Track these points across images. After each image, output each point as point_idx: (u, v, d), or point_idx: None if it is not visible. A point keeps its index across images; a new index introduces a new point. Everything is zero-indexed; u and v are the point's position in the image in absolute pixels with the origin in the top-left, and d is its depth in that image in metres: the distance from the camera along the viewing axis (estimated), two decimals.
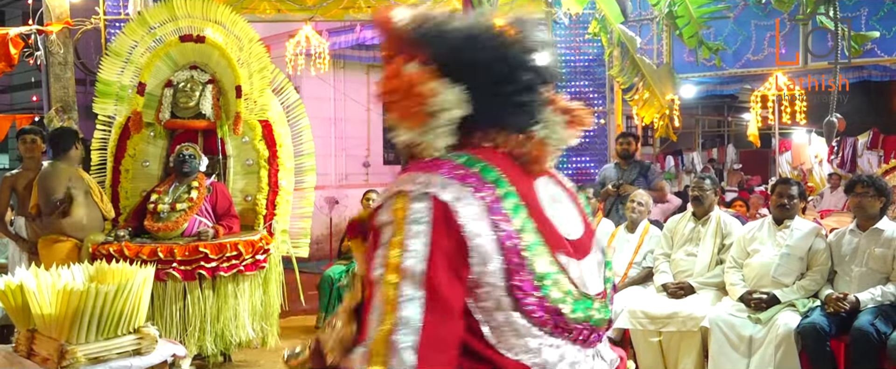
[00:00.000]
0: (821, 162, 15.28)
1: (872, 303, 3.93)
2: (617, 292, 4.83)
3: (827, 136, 6.12)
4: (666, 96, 7.34)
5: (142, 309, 3.27)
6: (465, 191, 1.17)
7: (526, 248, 1.17)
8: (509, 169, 1.25)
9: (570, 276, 1.22)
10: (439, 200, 1.15)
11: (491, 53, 1.24)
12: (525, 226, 1.19)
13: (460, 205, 1.15)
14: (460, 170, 1.20)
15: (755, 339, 4.07)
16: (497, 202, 1.18)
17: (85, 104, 6.39)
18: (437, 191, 1.15)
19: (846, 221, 4.77)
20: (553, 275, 1.19)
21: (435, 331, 1.10)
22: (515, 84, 1.26)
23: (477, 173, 1.20)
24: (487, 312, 1.17)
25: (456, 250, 1.13)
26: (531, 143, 1.28)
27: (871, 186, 4.16)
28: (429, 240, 1.12)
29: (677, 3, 6.05)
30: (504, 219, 1.17)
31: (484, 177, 1.20)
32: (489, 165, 1.22)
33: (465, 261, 1.14)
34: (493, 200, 1.18)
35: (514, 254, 1.16)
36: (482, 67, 1.23)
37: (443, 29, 1.24)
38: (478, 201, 1.17)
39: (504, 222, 1.17)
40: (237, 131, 5.23)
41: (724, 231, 4.72)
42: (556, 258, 1.21)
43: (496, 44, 1.25)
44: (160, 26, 5.55)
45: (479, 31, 1.26)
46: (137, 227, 4.92)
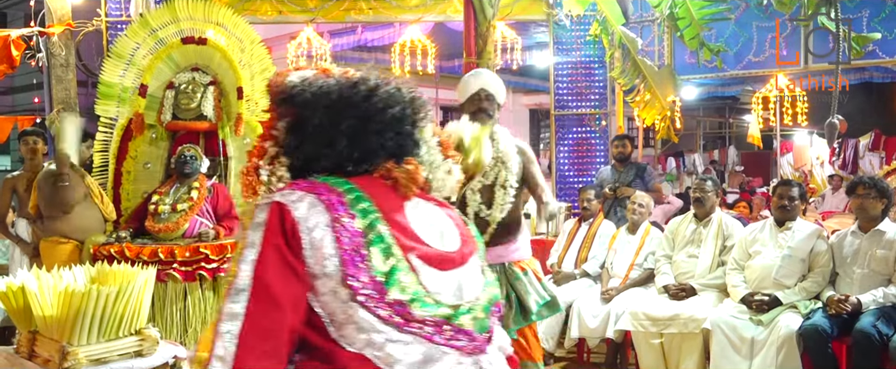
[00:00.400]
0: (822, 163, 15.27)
1: (874, 305, 3.92)
2: (618, 294, 4.83)
3: (828, 138, 6.12)
4: (667, 98, 7.34)
5: (143, 310, 3.27)
6: (307, 195, 1.28)
7: (367, 245, 1.25)
8: (375, 187, 1.36)
9: (420, 279, 1.29)
10: (278, 202, 1.27)
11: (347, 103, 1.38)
12: (372, 226, 1.28)
13: (298, 205, 1.26)
14: (317, 184, 1.32)
15: (757, 341, 4.07)
16: (341, 204, 1.28)
17: (87, 106, 6.39)
18: (279, 197, 1.28)
19: (848, 223, 4.77)
20: (399, 273, 1.26)
21: (258, 321, 1.20)
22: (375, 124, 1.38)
23: (329, 185, 1.31)
24: (327, 305, 1.24)
25: (288, 246, 1.24)
26: (401, 168, 1.38)
27: (872, 188, 4.15)
28: (263, 237, 1.24)
29: (678, 5, 6.05)
30: (347, 216, 1.26)
31: (334, 187, 1.31)
32: (349, 181, 1.34)
33: (298, 255, 1.24)
34: (337, 202, 1.28)
35: (352, 250, 1.24)
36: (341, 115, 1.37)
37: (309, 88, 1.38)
38: (318, 201, 1.27)
39: (345, 219, 1.26)
40: (238, 133, 5.23)
41: (725, 232, 4.72)
42: (408, 259, 1.29)
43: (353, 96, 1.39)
44: (162, 28, 5.55)
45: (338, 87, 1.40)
46: (138, 228, 4.92)
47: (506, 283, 3.19)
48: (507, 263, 3.24)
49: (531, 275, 3.25)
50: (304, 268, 1.24)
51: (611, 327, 4.69)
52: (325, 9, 6.85)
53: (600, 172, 6.34)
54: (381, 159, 1.39)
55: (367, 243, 1.26)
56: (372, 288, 1.23)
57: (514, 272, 3.22)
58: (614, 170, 6.13)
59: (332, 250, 1.23)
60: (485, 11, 5.51)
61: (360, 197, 1.31)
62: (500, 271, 3.20)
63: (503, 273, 3.21)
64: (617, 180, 6.02)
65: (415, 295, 1.26)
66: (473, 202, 3.24)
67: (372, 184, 1.36)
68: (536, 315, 3.20)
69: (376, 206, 1.31)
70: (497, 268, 3.19)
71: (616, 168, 6.15)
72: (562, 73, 7.20)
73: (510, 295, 3.18)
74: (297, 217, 1.25)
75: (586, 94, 7.26)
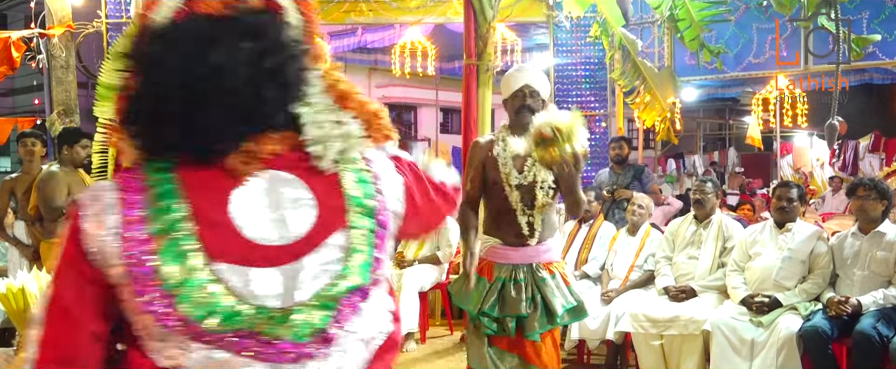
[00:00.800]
0: (822, 165, 15.28)
1: (874, 307, 3.92)
2: (618, 295, 4.83)
3: (828, 139, 6.12)
4: (667, 99, 7.35)
5: None
6: (107, 193, 1.14)
7: (157, 253, 1.10)
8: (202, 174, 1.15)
9: (229, 286, 1.11)
10: (74, 202, 1.16)
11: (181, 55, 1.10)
12: (169, 230, 1.11)
13: (91, 206, 1.13)
14: (133, 175, 1.16)
15: (757, 343, 4.06)
16: (140, 202, 1.13)
17: (87, 107, 6.37)
18: (83, 195, 1.16)
19: (848, 224, 4.77)
20: (194, 284, 1.10)
21: (54, 339, 1.15)
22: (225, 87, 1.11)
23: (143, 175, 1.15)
24: (127, 313, 1.15)
25: (79, 255, 1.14)
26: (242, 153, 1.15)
27: (872, 189, 4.15)
28: (62, 250, 1.17)
29: (678, 7, 6.06)
30: (138, 219, 1.11)
31: (147, 178, 1.15)
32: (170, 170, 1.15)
33: (88, 265, 1.14)
34: (137, 199, 1.13)
35: (137, 260, 1.10)
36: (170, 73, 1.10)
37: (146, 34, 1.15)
38: (116, 200, 1.13)
39: (136, 223, 1.11)
40: None
41: (725, 234, 4.71)
42: (211, 266, 1.11)
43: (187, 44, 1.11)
44: None
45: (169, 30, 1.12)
46: None
47: (532, 284, 3.10)
48: (534, 264, 3.13)
49: (559, 278, 3.14)
50: (101, 276, 1.13)
51: (611, 329, 4.68)
52: (326, 11, 6.86)
53: (599, 174, 6.35)
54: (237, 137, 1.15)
55: (157, 251, 1.10)
56: (160, 301, 1.09)
57: (542, 274, 3.11)
58: (612, 173, 6.14)
59: (118, 259, 1.10)
60: (485, 13, 5.51)
61: (170, 191, 1.13)
62: (527, 272, 3.12)
63: (531, 274, 3.12)
64: (614, 182, 6.03)
65: (211, 308, 1.10)
66: (516, 204, 3.11)
67: (199, 171, 1.15)
68: (561, 319, 3.09)
69: (187, 202, 1.12)
70: (523, 267, 3.13)
71: (614, 170, 6.16)
72: (562, 75, 7.21)
73: (536, 296, 3.08)
74: (84, 221, 1.13)
75: (586, 96, 7.26)
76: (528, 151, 2.99)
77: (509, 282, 3.08)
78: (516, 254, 3.11)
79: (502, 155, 3.12)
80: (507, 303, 3.05)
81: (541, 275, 3.09)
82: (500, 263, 3.13)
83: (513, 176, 3.09)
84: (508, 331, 3.05)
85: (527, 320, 3.02)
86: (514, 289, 3.06)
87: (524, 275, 3.09)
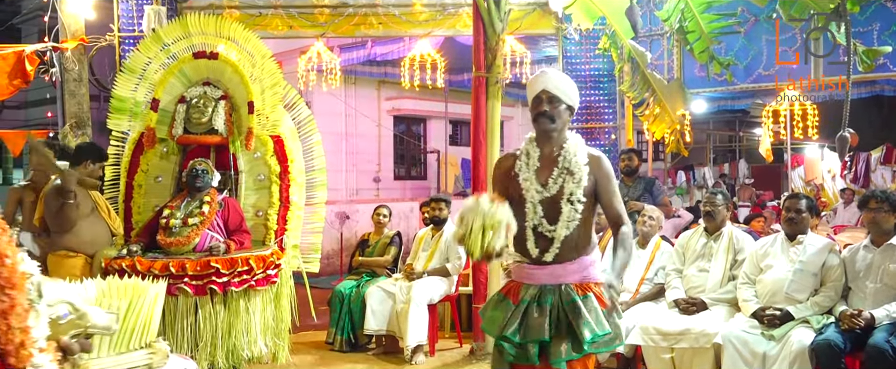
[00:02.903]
0: (834, 177, 15.19)
1: (887, 320, 3.88)
2: (629, 308, 4.80)
3: (840, 151, 6.08)
4: (677, 111, 7.33)
5: (153, 324, 3.28)
6: None
7: None
8: None
9: None
10: None
11: None
12: None
13: None
14: None
15: (769, 356, 4.03)
16: None
17: (99, 120, 6.45)
18: None
19: (860, 237, 4.74)
20: None
21: None
22: None
23: None
24: None
25: None
26: None
27: (885, 201, 4.13)
28: None
29: (688, 19, 6.06)
30: None
31: None
32: None
33: None
34: None
35: None
36: None
37: None
38: None
39: None
40: (249, 147, 5.26)
41: (736, 246, 4.69)
42: None
43: None
44: (174, 43, 5.61)
45: None
46: (149, 242, 4.95)
47: (559, 307, 2.79)
48: (564, 285, 2.82)
49: (593, 301, 2.79)
50: None
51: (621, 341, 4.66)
52: (336, 24, 6.90)
53: None
54: None
55: None
56: None
57: (571, 295, 2.79)
58: (623, 185, 6.13)
59: None
60: (494, 26, 5.54)
61: None
62: (554, 293, 2.82)
63: (558, 295, 2.81)
64: (625, 194, 6.02)
65: None
66: (534, 216, 2.86)
67: None
68: (588, 346, 2.72)
69: None
70: (550, 288, 2.83)
71: (624, 182, 6.15)
72: None
73: (563, 321, 2.77)
74: None
75: (596, 108, 7.26)
76: (553, 162, 2.88)
77: (533, 304, 2.83)
78: (541, 273, 2.86)
79: (524, 169, 2.92)
80: (530, 327, 2.79)
81: (570, 298, 2.79)
82: (528, 284, 2.88)
83: (534, 190, 2.87)
84: (530, 358, 2.77)
85: (550, 346, 2.75)
86: (537, 312, 2.80)
87: (552, 297, 2.81)
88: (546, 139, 2.91)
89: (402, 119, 14.62)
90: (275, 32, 6.90)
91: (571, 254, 2.84)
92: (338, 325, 5.92)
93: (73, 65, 6.60)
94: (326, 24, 6.92)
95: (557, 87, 2.88)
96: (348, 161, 13.21)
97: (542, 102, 2.88)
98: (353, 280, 6.18)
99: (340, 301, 5.94)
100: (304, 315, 5.71)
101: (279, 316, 5.08)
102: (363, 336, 5.91)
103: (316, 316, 5.77)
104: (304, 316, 5.70)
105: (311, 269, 5.66)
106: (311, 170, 5.76)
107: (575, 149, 2.90)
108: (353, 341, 5.94)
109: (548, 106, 2.87)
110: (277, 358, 5.07)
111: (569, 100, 2.90)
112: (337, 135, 12.79)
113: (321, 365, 5.51)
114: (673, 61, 7.89)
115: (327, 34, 7.15)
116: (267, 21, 6.83)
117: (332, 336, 5.95)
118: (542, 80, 2.91)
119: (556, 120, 2.88)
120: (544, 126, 2.87)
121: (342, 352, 5.84)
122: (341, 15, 6.88)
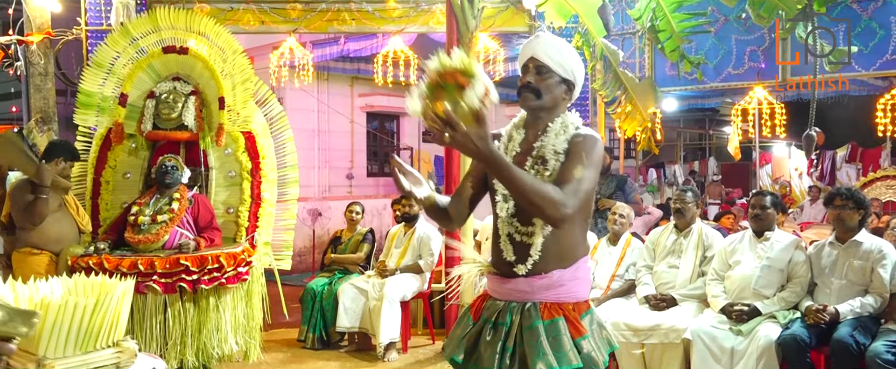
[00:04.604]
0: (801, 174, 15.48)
1: (851, 315, 3.96)
2: (600, 305, 4.84)
3: (806, 150, 6.21)
4: (648, 109, 7.41)
5: (121, 322, 3.23)
6: None
7: None
8: None
9: None
10: None
11: None
12: None
13: None
14: None
15: (737, 351, 4.09)
16: None
17: (65, 115, 6.33)
18: None
19: (826, 234, 4.82)
20: None
21: None
22: None
23: None
24: None
25: None
26: None
27: (849, 199, 4.20)
28: None
29: (659, 18, 6.11)
30: None
31: None
32: None
33: None
34: None
35: None
36: None
37: None
38: None
39: None
40: (220, 143, 5.20)
41: (705, 243, 4.75)
42: None
43: None
44: (143, 37, 5.53)
45: None
46: (117, 240, 4.87)
47: (517, 332, 2.20)
48: (530, 304, 2.22)
49: (561, 327, 2.17)
50: None
51: None
52: (308, 19, 6.85)
53: None
54: None
55: None
56: None
57: (532, 318, 2.19)
58: None
59: None
60: (467, 23, 5.54)
61: None
62: (517, 313, 2.23)
63: (520, 317, 2.22)
64: (598, 192, 6.06)
65: None
66: (505, 217, 2.27)
67: None
68: None
69: None
70: (515, 306, 2.24)
71: None
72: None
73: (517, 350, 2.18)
74: None
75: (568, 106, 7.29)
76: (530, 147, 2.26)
77: (488, 325, 2.27)
78: (506, 287, 2.28)
79: None
80: (479, 354, 2.24)
81: (530, 322, 2.19)
82: (493, 299, 2.33)
83: None
84: None
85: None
86: (491, 334, 2.24)
87: (511, 317, 2.23)
88: (532, 120, 2.32)
89: (375, 116, 14.56)
90: (246, 27, 6.83)
91: (548, 265, 2.23)
92: (310, 323, 5.89)
93: (38, 58, 6.46)
94: (299, 19, 6.87)
95: (548, 55, 2.26)
96: (321, 157, 13.13)
97: (528, 72, 2.29)
98: (325, 277, 6.15)
99: (312, 298, 5.91)
100: (276, 312, 5.67)
101: (250, 314, 5.04)
102: (335, 333, 5.88)
103: (288, 313, 5.74)
104: (275, 314, 5.66)
105: (283, 267, 5.62)
106: (283, 167, 5.72)
107: (558, 131, 2.26)
108: (326, 338, 5.91)
109: (533, 77, 2.27)
110: (248, 356, 5.03)
111: (564, 73, 2.28)
112: (309, 132, 12.71)
113: (293, 363, 5.48)
114: (644, 60, 7.97)
115: (300, 30, 7.10)
116: (238, 16, 6.75)
117: (304, 333, 5.92)
118: (532, 45, 2.31)
119: (544, 95, 2.26)
120: (526, 102, 2.28)
121: (314, 350, 5.81)
122: (314, 10, 6.83)
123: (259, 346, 5.12)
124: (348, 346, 5.96)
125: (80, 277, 3.40)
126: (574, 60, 2.31)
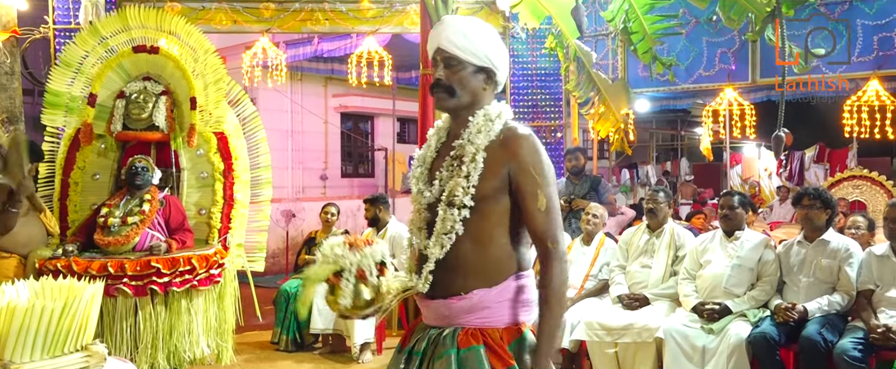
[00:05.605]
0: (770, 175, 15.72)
1: (819, 313, 4.04)
2: (573, 304, 4.87)
3: (775, 150, 6.30)
4: (621, 110, 7.47)
5: (90, 326, 3.18)
6: None
7: None
8: None
9: None
10: None
11: None
12: None
13: None
14: None
15: (708, 349, 4.15)
16: None
17: (32, 115, 6.22)
18: None
19: (794, 233, 4.91)
20: None
21: None
22: None
23: None
24: None
25: None
26: None
27: (817, 199, 4.28)
28: None
29: (632, 20, 6.17)
30: None
31: None
32: None
33: None
34: None
35: None
36: None
37: None
38: None
39: None
40: (191, 143, 5.14)
41: (677, 243, 4.81)
42: None
43: None
44: (112, 36, 5.43)
45: None
46: (86, 242, 4.79)
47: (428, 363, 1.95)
48: (448, 331, 1.95)
49: (480, 358, 1.87)
50: None
51: (566, 337, 4.72)
52: (281, 19, 6.81)
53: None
54: None
55: None
56: None
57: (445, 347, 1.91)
58: (570, 183, 6.22)
59: None
60: None
61: None
62: (434, 341, 1.97)
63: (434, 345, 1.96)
64: (572, 192, 6.11)
65: None
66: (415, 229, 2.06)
67: None
68: None
69: None
70: (433, 333, 1.98)
71: (571, 180, 6.25)
72: (518, 86, 7.28)
73: None
74: None
75: (542, 107, 7.34)
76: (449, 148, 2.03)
77: (403, 354, 2.05)
78: (426, 310, 2.04)
79: (419, 161, 2.10)
80: None
81: (444, 349, 1.91)
82: (422, 324, 2.09)
83: (417, 190, 2.04)
84: None
85: None
86: (404, 365, 2.03)
87: (426, 346, 1.98)
88: (454, 118, 2.05)
89: (349, 116, 14.51)
90: (218, 27, 6.76)
91: (458, 283, 1.92)
92: (283, 325, 5.85)
93: (4, 57, 6.34)
94: (272, 19, 6.82)
95: (455, 43, 1.95)
96: (294, 158, 13.05)
97: (436, 67, 2.00)
98: (299, 279, 6.11)
99: (286, 300, 5.87)
100: (249, 315, 5.62)
101: (223, 317, 4.99)
102: (309, 335, 5.85)
103: (261, 315, 5.69)
104: (248, 316, 5.61)
105: (256, 268, 5.57)
106: (256, 168, 5.66)
107: (480, 125, 1.96)
108: (299, 340, 5.87)
109: (443, 72, 1.98)
110: (221, 358, 4.97)
111: (478, 60, 1.97)
112: (283, 133, 12.63)
113: (266, 365, 5.44)
114: (617, 61, 8.05)
115: (273, 29, 7.05)
116: (210, 15, 6.69)
117: (277, 335, 5.87)
118: (436, 34, 2.00)
119: (458, 91, 1.97)
120: (441, 103, 2.00)
121: (288, 352, 5.77)
122: (287, 10, 6.79)
123: (232, 349, 5.06)
124: (322, 348, 5.92)
125: (47, 280, 3.34)
126: (488, 43, 1.99)
